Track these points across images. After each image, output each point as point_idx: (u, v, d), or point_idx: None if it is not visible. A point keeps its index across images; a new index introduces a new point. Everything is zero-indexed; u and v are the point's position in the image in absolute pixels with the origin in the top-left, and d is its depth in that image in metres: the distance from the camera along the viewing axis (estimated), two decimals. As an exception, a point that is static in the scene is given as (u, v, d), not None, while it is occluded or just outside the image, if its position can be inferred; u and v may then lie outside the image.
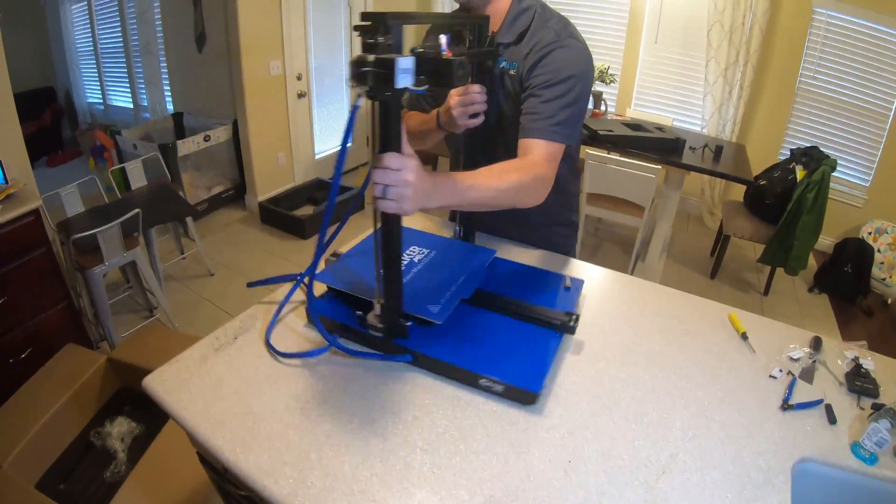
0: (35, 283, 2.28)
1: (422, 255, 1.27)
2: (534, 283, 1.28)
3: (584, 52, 1.23)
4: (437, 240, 1.37)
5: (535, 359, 1.02)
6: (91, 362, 2.10)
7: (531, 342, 1.06)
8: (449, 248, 1.33)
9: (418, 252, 1.29)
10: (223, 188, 4.31)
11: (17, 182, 2.32)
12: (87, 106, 5.73)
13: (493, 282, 1.25)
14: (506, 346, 1.05)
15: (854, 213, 4.03)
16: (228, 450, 0.86)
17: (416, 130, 1.42)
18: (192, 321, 3.02)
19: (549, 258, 1.48)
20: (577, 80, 1.19)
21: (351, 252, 1.32)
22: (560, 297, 1.21)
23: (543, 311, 1.13)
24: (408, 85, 0.79)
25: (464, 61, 0.84)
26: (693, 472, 0.86)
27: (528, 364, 1.00)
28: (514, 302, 1.16)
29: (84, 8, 5.16)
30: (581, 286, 1.26)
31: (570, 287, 1.23)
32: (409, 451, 0.87)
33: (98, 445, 1.96)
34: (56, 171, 5.12)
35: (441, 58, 0.84)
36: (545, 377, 0.99)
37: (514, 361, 1.01)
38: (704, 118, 4.24)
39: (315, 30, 4.27)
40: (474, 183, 1.02)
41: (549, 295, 1.22)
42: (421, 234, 1.39)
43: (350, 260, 1.27)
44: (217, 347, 1.08)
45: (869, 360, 1.15)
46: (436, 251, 1.30)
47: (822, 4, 3.72)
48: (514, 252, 1.47)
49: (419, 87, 0.82)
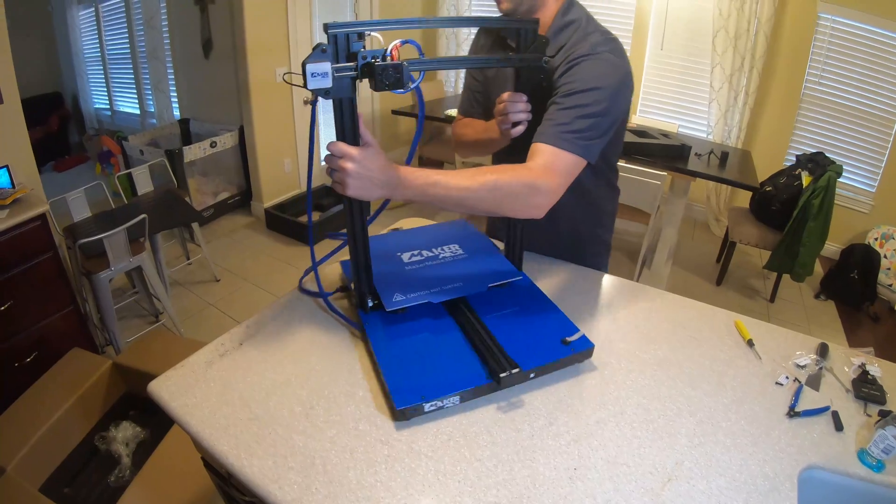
0: (41, 287, 2.29)
1: (450, 254, 1.29)
2: (529, 321, 1.14)
3: (619, 68, 1.15)
4: (482, 246, 1.35)
5: (429, 384, 0.96)
6: (96, 367, 2.11)
7: (448, 372, 0.99)
8: (483, 257, 1.31)
9: (451, 249, 1.31)
10: (229, 194, 4.32)
11: (24, 187, 2.33)
12: (94, 111, 5.78)
13: (491, 302, 1.18)
14: (426, 361, 1.02)
15: (860, 218, 4.01)
16: (233, 455, 0.86)
17: (478, 138, 1.38)
18: (197, 327, 3.02)
19: (578, 272, 1.45)
20: (603, 93, 1.12)
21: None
22: (540, 347, 1.06)
23: (493, 350, 1.02)
24: (318, 87, 0.90)
25: (392, 66, 0.90)
26: (699, 480, 0.85)
27: (415, 386, 0.95)
28: (480, 329, 1.08)
29: (91, 14, 5.21)
30: (583, 347, 1.07)
31: (569, 343, 1.07)
32: (414, 457, 0.86)
33: (103, 450, 1.96)
34: (63, 177, 5.16)
35: (376, 62, 0.90)
36: (416, 401, 0.93)
37: (408, 375, 0.98)
38: (710, 124, 4.23)
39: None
40: (439, 180, 0.99)
41: (531, 340, 1.08)
42: (474, 237, 1.39)
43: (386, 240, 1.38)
44: (222, 353, 1.08)
45: (876, 366, 1.14)
46: (468, 255, 1.30)
47: (827, 9, 3.71)
48: (544, 265, 1.46)
49: (378, 89, 0.91)
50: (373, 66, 0.90)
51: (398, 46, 0.92)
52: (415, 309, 1.14)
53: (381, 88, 0.92)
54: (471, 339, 1.07)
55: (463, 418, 0.95)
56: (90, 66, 5.59)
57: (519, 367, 0.98)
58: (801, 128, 4.11)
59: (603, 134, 1.15)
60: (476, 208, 1.04)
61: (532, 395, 1.01)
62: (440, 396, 0.94)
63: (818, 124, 4.05)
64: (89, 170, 5.18)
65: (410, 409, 0.93)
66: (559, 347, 1.06)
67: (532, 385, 1.03)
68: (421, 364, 1.02)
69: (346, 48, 0.91)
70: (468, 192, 1.01)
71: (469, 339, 1.08)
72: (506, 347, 1.03)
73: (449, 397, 0.95)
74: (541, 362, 1.02)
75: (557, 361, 1.04)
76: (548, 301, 1.21)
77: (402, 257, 1.29)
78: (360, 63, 0.91)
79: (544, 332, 1.10)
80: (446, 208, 1.07)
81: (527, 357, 1.02)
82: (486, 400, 0.99)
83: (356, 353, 1.10)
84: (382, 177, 0.96)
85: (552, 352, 1.05)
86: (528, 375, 1.02)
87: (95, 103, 5.76)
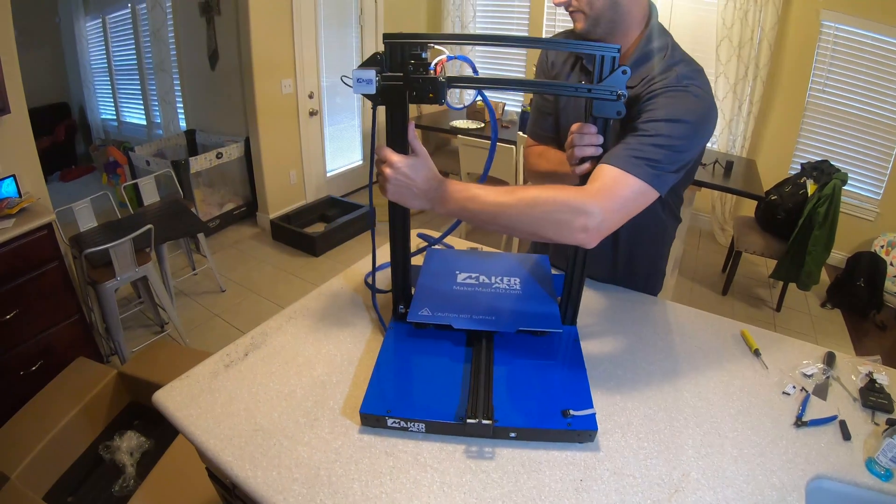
0: (47, 296, 2.30)
1: (505, 286, 1.23)
2: (542, 378, 1.04)
3: (705, 103, 1.05)
4: (543, 287, 1.24)
5: (401, 401, 0.95)
6: (101, 376, 2.12)
7: (425, 397, 0.97)
8: (536, 298, 1.20)
9: (509, 282, 1.25)
10: (235, 205, 4.34)
11: (30, 196, 2.35)
12: (101, 122, 5.83)
13: (518, 346, 1.11)
14: (414, 380, 1.03)
15: (866, 226, 3.99)
16: (238, 466, 0.86)
17: (554, 170, 1.27)
18: (202, 337, 3.03)
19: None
20: (686, 127, 1.01)
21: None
22: (535, 408, 0.96)
23: (479, 393, 0.95)
24: (363, 93, 0.92)
25: (429, 80, 0.92)
26: (706, 491, 0.85)
27: (389, 398, 0.95)
28: (484, 369, 1.01)
29: (99, 25, 5.26)
30: (584, 426, 0.92)
31: (569, 418, 0.93)
32: (419, 469, 0.86)
33: (107, 459, 1.96)
34: (69, 186, 5.20)
35: (411, 75, 0.92)
36: (381, 412, 0.92)
37: (390, 386, 0.99)
38: (715, 134, 4.23)
39: (327, 49, 4.32)
40: (478, 195, 0.95)
41: (531, 398, 0.99)
42: (544, 277, 1.28)
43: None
44: (227, 364, 1.08)
45: (883, 375, 1.13)
46: (521, 292, 1.21)
47: (830, 17, 3.72)
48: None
49: (414, 101, 0.95)
50: (409, 79, 0.92)
51: (443, 62, 0.93)
52: (440, 329, 1.12)
53: (419, 101, 0.94)
54: (472, 375, 1.01)
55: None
56: (97, 76, 5.63)
57: (493, 421, 0.89)
58: (805, 136, 4.11)
59: (678, 169, 1.04)
60: (513, 228, 0.97)
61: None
62: (405, 417, 0.91)
63: (823, 132, 4.04)
64: (96, 180, 5.22)
65: (373, 418, 0.92)
66: (556, 417, 0.93)
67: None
68: (408, 381, 1.02)
69: (399, 58, 0.93)
70: (503, 209, 0.94)
71: (470, 375, 1.02)
72: (500, 397, 0.96)
73: (414, 422, 0.92)
74: (524, 424, 0.92)
75: (546, 431, 0.92)
76: (580, 364, 1.07)
77: (458, 276, 1.27)
78: (408, 73, 0.93)
79: (550, 395, 0.99)
80: (483, 227, 1.01)
81: (513, 414, 0.93)
82: (461, 440, 0.93)
83: (361, 363, 1.10)
84: (424, 187, 0.97)
85: (545, 419, 0.93)
86: (507, 433, 0.91)
87: (102, 114, 5.80)
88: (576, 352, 1.11)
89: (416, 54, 0.93)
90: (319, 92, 4.37)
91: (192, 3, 3.98)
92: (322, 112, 4.47)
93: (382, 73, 0.93)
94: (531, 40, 1.43)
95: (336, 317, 1.25)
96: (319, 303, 1.31)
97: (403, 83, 0.93)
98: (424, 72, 0.92)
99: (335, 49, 4.44)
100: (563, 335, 1.15)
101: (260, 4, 3.61)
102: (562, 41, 1.17)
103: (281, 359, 1.10)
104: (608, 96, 0.95)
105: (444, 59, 0.93)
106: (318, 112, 4.41)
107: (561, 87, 1.15)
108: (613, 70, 0.94)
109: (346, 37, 4.57)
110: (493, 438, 0.92)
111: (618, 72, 0.94)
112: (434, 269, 1.29)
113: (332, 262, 3.86)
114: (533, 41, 1.97)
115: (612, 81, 0.95)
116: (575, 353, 1.10)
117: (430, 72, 0.92)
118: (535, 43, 1.82)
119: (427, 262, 1.33)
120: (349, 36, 4.59)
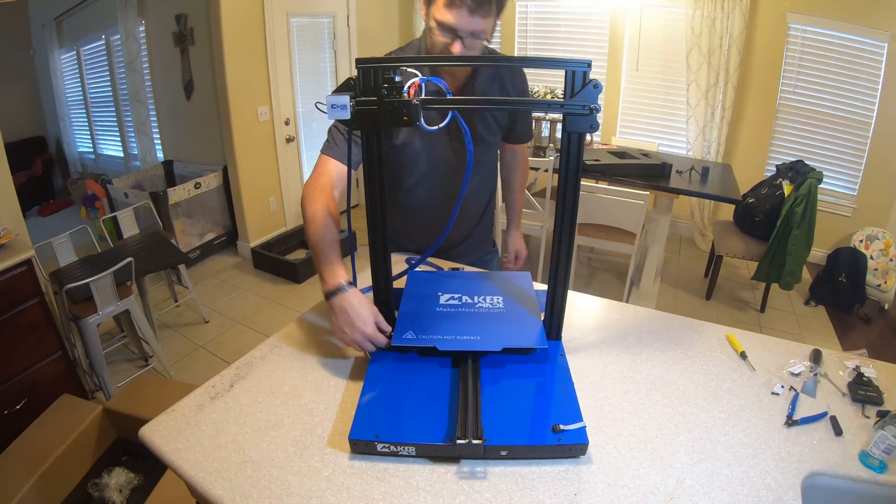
0: (28, 333, 2.26)
1: (488, 305, 1.23)
2: (530, 395, 1.04)
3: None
4: (525, 304, 1.25)
5: (390, 426, 0.94)
6: (87, 413, 2.08)
7: (414, 421, 0.96)
8: (519, 316, 1.20)
9: (492, 301, 1.25)
10: (215, 235, 4.31)
11: (9, 232, 2.31)
12: (78, 155, 5.77)
13: (503, 365, 1.10)
14: (402, 404, 1.01)
15: (844, 222, 4.06)
16: (228, 499, 0.84)
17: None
18: (187, 369, 2.98)
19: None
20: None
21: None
22: (525, 426, 0.95)
23: (467, 414, 0.94)
24: (338, 118, 0.93)
25: (402, 103, 0.92)
26: (701, 497, 0.85)
27: (378, 423, 0.94)
28: (471, 389, 1.00)
29: (73, 58, 5.24)
30: (575, 441, 0.91)
31: (560, 432, 0.92)
32: (412, 493, 0.85)
33: (96, 497, 1.92)
34: (48, 221, 5.13)
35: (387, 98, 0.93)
36: (370, 438, 0.91)
37: (378, 411, 0.98)
38: (689, 141, 4.29)
39: (301, 75, 4.32)
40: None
41: (520, 415, 0.98)
42: (526, 294, 1.29)
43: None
44: (213, 395, 1.07)
45: (870, 368, 1.14)
46: (505, 311, 1.21)
47: (796, 20, 3.81)
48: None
49: (386, 125, 0.96)
50: (383, 102, 0.92)
51: (416, 84, 0.93)
52: (425, 352, 1.11)
53: (393, 124, 0.94)
54: (459, 395, 0.99)
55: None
56: (73, 109, 5.59)
57: (483, 440, 0.88)
58: (778, 138, 4.19)
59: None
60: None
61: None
62: (395, 441, 0.90)
63: (796, 133, 4.12)
64: (74, 214, 5.15)
65: (363, 444, 0.91)
66: (546, 433, 0.92)
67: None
68: (396, 405, 1.00)
69: (373, 82, 0.93)
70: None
71: (458, 395, 1.00)
72: (489, 416, 0.94)
73: (404, 445, 0.90)
74: (514, 442, 0.91)
75: (537, 447, 0.91)
76: (567, 378, 1.07)
77: (441, 297, 1.26)
78: (382, 98, 0.93)
79: (539, 411, 0.99)
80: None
81: (503, 432, 0.92)
82: (452, 462, 0.92)
83: (348, 389, 1.09)
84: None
85: (535, 435, 0.92)
86: (498, 452, 0.90)
87: (79, 147, 5.75)
88: (562, 366, 1.11)
89: (390, 77, 0.93)
90: (295, 118, 4.37)
91: (166, 34, 3.99)
92: (299, 138, 4.47)
93: (356, 97, 0.93)
94: (501, 58, 1.45)
95: (321, 343, 1.24)
96: (303, 330, 1.30)
97: (377, 107, 0.93)
98: (398, 95, 0.92)
99: (310, 74, 4.45)
100: (549, 350, 1.14)
101: (233, 33, 3.62)
102: (529, 58, 1.22)
103: (267, 388, 1.09)
104: (580, 111, 0.96)
105: (417, 82, 0.93)
106: (295, 138, 4.41)
107: (534, 104, 1.16)
108: (585, 85, 0.94)
109: (320, 62, 4.58)
110: (485, 458, 0.91)
111: (589, 86, 0.94)
112: (417, 292, 1.29)
113: (315, 289, 3.81)
114: (503, 59, 2.01)
115: (583, 96, 0.95)
116: (562, 367, 1.10)
117: (403, 95, 0.92)
118: (505, 61, 1.85)
119: (409, 285, 1.32)
120: (323, 60, 4.61)
